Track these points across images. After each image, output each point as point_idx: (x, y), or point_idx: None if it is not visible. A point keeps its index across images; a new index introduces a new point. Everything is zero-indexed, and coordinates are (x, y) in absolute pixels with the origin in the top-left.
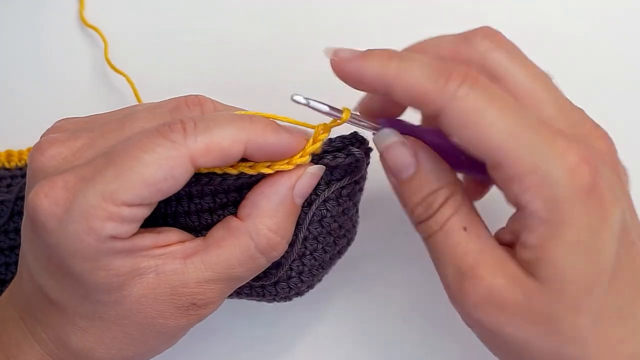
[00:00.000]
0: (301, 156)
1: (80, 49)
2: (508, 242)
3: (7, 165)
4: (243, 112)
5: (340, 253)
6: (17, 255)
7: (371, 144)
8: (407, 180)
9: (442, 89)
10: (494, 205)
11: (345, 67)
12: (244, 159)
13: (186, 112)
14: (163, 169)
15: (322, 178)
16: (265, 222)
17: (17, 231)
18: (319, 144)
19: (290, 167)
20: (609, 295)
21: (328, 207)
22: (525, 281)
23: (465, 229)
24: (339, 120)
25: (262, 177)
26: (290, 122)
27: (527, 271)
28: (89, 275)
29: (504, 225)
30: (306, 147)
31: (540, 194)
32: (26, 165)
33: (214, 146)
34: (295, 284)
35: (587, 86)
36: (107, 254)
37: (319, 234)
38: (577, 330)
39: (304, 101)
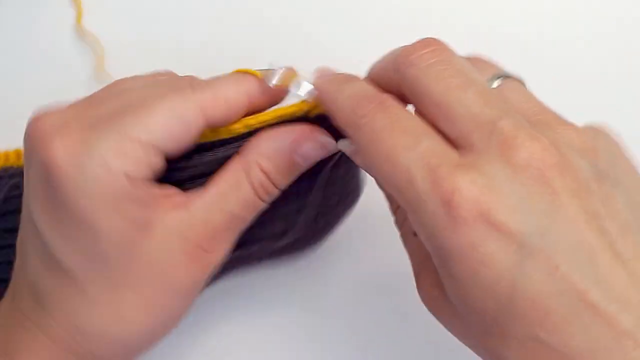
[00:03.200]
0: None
1: (75, 55)
2: None
3: None
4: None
5: (353, 202)
6: (8, 254)
7: None
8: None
9: (350, 119)
10: None
11: (317, 81)
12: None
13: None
14: (176, 112)
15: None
16: (260, 161)
17: (7, 231)
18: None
19: (268, 117)
20: (519, 324)
21: (343, 160)
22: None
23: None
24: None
25: None
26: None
27: None
28: (103, 223)
29: None
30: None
31: (421, 229)
32: (11, 167)
33: (220, 97)
34: (310, 239)
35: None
36: (123, 198)
37: (333, 183)
38: (500, 356)
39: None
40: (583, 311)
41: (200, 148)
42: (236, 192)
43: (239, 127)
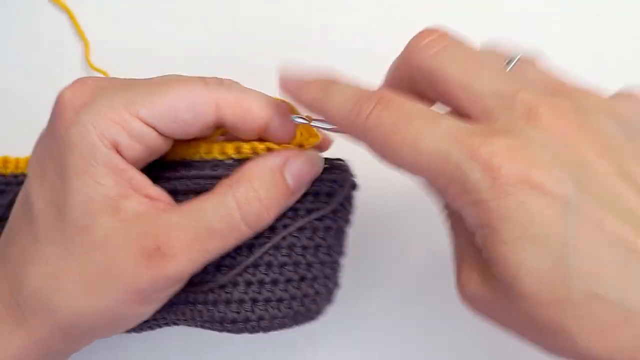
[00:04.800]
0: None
1: (79, 56)
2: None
3: (3, 171)
4: None
5: (303, 305)
6: None
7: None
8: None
9: (355, 123)
10: None
11: (289, 87)
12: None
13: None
14: (188, 99)
15: (304, 204)
16: (250, 180)
17: None
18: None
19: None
20: (575, 281)
21: (300, 237)
22: (493, 283)
23: None
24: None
25: None
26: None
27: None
28: (75, 182)
29: None
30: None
31: (466, 200)
32: (21, 174)
33: (242, 104)
34: (246, 310)
35: None
36: (102, 162)
37: (284, 263)
38: (560, 327)
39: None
40: (635, 261)
41: (188, 164)
42: (218, 207)
43: (231, 149)
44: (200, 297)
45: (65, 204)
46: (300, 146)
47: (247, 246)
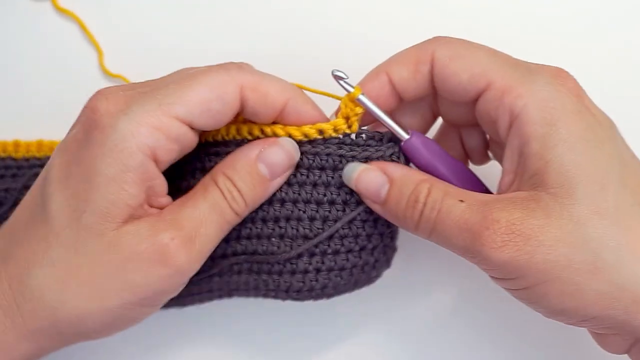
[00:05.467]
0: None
1: (86, 41)
2: (508, 188)
3: (14, 155)
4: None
5: (363, 272)
6: None
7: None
8: (388, 196)
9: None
10: None
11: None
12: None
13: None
14: (216, 90)
15: None
16: (226, 171)
17: None
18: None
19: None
20: (626, 194)
21: (360, 212)
22: (539, 201)
23: (461, 200)
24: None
25: None
26: (320, 93)
27: (538, 190)
28: (105, 185)
29: None
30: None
31: (531, 97)
32: (32, 157)
33: (262, 88)
34: (310, 280)
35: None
36: (134, 170)
37: (345, 235)
38: (605, 233)
39: (344, 76)
40: None
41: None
42: (206, 197)
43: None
44: (265, 268)
45: (86, 209)
46: (347, 118)
47: (309, 219)
